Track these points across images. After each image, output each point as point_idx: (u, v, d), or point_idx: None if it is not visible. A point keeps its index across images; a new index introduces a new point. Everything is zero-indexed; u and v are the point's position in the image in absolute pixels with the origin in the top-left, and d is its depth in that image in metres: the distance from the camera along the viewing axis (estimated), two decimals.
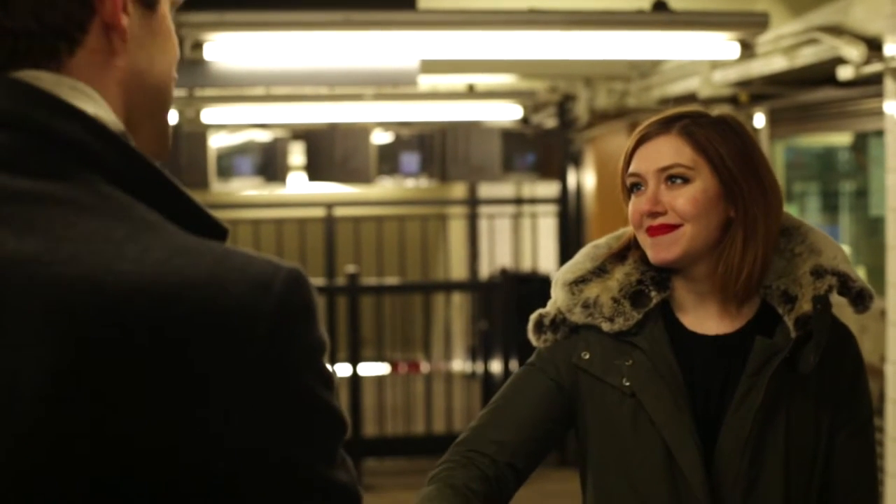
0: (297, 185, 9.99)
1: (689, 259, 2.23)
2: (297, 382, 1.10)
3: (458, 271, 13.53)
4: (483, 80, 9.03)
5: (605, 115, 8.69)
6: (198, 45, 5.15)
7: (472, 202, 12.18)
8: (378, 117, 9.36)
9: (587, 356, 2.30)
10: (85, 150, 1.11)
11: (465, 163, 9.49)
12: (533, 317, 2.36)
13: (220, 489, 1.06)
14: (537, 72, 8.41)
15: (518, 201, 11.33)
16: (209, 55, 5.22)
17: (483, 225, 11.96)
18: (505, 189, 11.99)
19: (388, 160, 9.60)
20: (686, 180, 2.20)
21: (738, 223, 2.21)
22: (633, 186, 2.27)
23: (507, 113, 9.72)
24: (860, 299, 2.26)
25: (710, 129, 2.22)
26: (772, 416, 2.21)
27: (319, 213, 9.63)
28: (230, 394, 1.05)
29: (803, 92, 6.38)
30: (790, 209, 7.29)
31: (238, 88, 8.10)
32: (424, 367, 10.60)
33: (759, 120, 6.91)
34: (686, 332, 2.30)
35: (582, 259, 2.37)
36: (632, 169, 2.26)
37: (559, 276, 2.36)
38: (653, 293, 2.29)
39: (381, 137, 9.59)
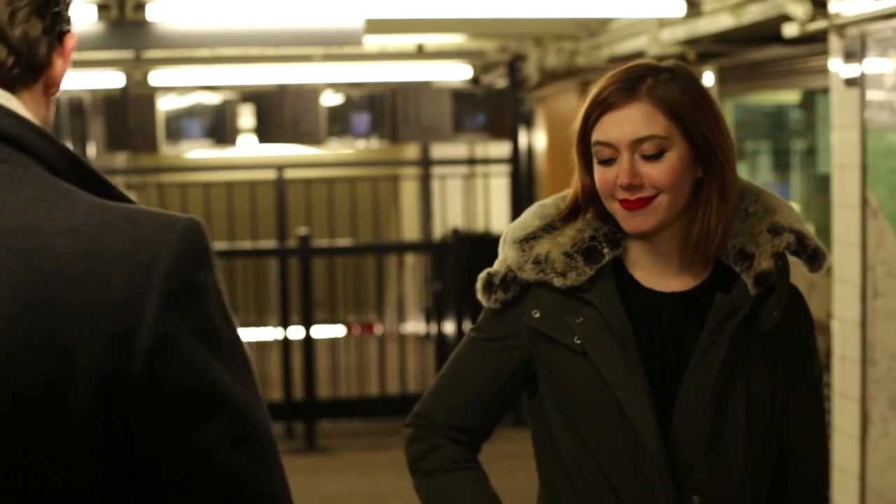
0: (248, 147, 9.94)
1: (664, 226, 2.22)
2: (196, 297, 1.36)
3: (411, 232, 13.51)
4: (432, 41, 8.98)
5: (556, 75, 8.66)
6: (140, 7, 5.09)
7: (425, 163, 12.15)
8: (327, 78, 9.30)
9: (537, 314, 2.28)
10: (21, 141, 1.40)
11: (415, 123, 9.44)
12: (482, 276, 2.34)
13: (136, 380, 1.31)
14: (486, 31, 8.37)
15: (470, 162, 11.31)
16: (151, 16, 5.16)
17: (435, 186, 11.93)
18: (456, 149, 11.97)
19: (338, 121, 9.54)
20: (662, 150, 2.17)
21: (713, 184, 2.21)
22: (602, 156, 2.21)
23: (457, 73, 9.68)
24: (815, 258, 2.27)
25: (675, 89, 2.17)
26: (733, 372, 2.22)
27: (270, 175, 9.58)
28: (144, 304, 1.32)
29: (751, 50, 6.38)
30: (741, 168, 7.35)
31: (184, 50, 8.03)
32: (378, 328, 10.61)
33: (709, 78, 6.90)
34: (641, 289, 2.28)
35: (530, 217, 2.35)
36: (600, 138, 2.20)
37: (508, 233, 2.34)
38: (606, 250, 2.26)
39: (331, 99, 9.54)
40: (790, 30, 5.09)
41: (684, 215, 2.24)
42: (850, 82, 4.85)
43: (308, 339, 8.96)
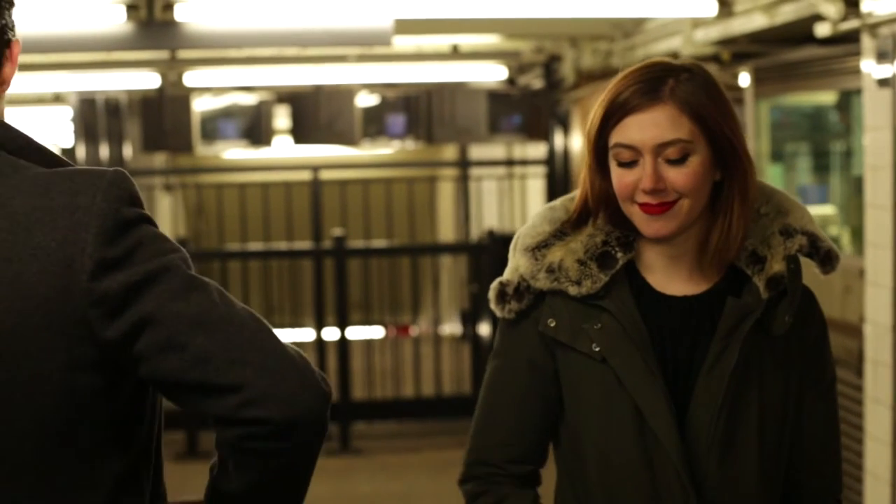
0: (283, 148, 9.95)
1: (683, 230, 2.18)
2: (125, 228, 1.71)
3: (447, 234, 13.48)
4: (467, 41, 8.95)
5: (591, 76, 8.61)
6: (168, 7, 5.09)
7: (463, 164, 12.13)
8: (363, 79, 9.30)
9: (553, 323, 2.23)
10: None
11: (451, 124, 9.42)
12: (494, 286, 2.28)
13: (84, 295, 1.67)
14: (521, 32, 8.33)
15: (508, 163, 11.28)
16: (180, 16, 5.16)
17: (470, 187, 11.91)
18: (491, 150, 11.94)
19: (373, 122, 9.54)
20: (686, 155, 2.13)
21: (734, 188, 2.17)
22: (622, 158, 2.15)
23: (493, 74, 9.65)
24: (828, 260, 2.23)
25: (698, 90, 2.13)
26: (745, 378, 2.18)
27: (306, 176, 9.58)
28: (84, 237, 1.68)
29: (786, 51, 6.32)
30: (776, 170, 7.28)
31: (220, 51, 8.05)
32: (413, 330, 10.59)
33: (744, 79, 6.84)
34: (653, 293, 2.24)
35: (540, 222, 2.30)
36: (621, 140, 2.14)
37: (518, 240, 2.29)
38: (619, 254, 2.22)
39: (366, 100, 9.53)
40: (822, 29, 5.04)
41: (701, 218, 2.20)
42: (883, 83, 4.79)
43: (343, 341, 8.95)
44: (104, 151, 9.89)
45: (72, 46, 5.19)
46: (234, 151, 9.66)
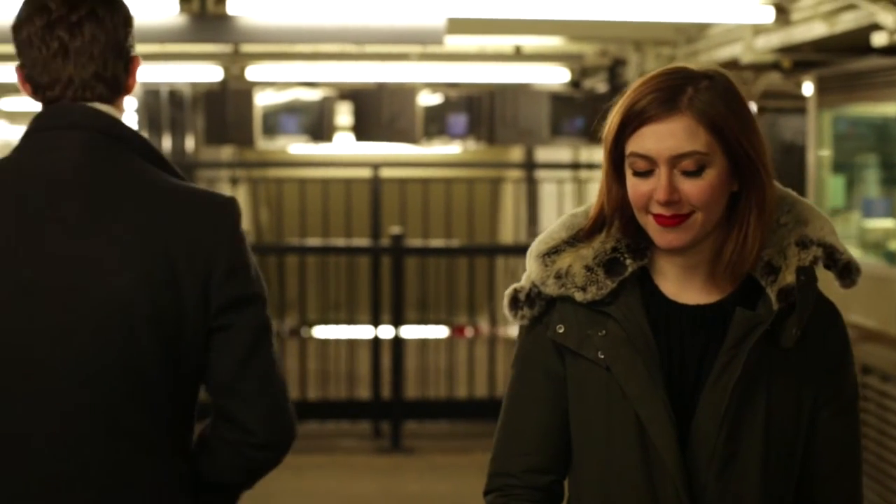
0: (344, 144, 9.97)
1: (697, 242, 2.15)
2: (241, 243, 2.40)
3: (507, 235, 13.43)
4: (531, 42, 8.91)
5: None
6: (221, 0, 5.11)
7: (529, 166, 12.09)
8: (426, 78, 9.29)
9: (562, 329, 2.22)
10: (126, 139, 2.36)
11: (513, 125, 9.39)
12: (507, 292, 2.27)
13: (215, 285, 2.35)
14: (585, 34, 8.28)
15: (574, 166, 11.22)
16: (232, 10, 5.17)
17: (521, 189, 11.88)
18: (553, 153, 11.88)
19: (435, 121, 9.53)
20: (702, 167, 2.09)
21: (751, 201, 2.13)
22: (638, 168, 2.12)
23: (555, 76, 9.60)
24: (847, 272, 2.17)
25: (717, 100, 2.08)
26: (751, 391, 2.13)
27: (366, 173, 9.59)
28: (222, 243, 2.37)
29: (850, 60, 6.22)
30: (839, 181, 7.16)
31: (282, 45, 8.07)
32: (469, 331, 10.56)
33: (808, 88, 6.76)
34: (666, 301, 2.21)
35: (558, 229, 2.27)
36: (637, 150, 2.11)
37: (532, 247, 2.27)
38: (628, 261, 2.19)
39: (429, 99, 9.53)
40: (879, 39, 4.95)
41: (718, 229, 2.16)
42: None
43: (397, 339, 8.95)
44: (167, 142, 9.97)
45: None
46: (295, 147, 9.69)
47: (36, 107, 2.42)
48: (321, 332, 10.46)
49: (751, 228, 2.13)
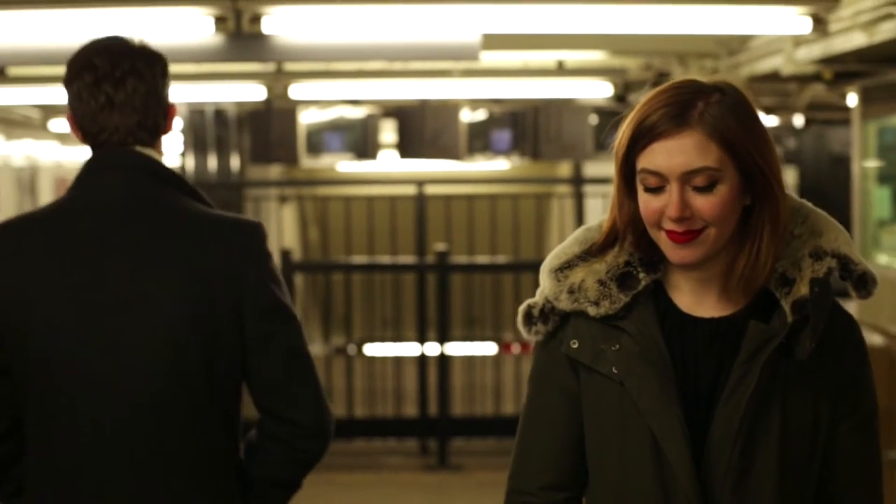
0: (388, 162, 9.98)
1: (710, 257, 2.13)
2: (269, 262, 2.72)
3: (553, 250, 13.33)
4: (573, 57, 8.89)
5: None
6: (256, 19, 5.13)
7: (577, 181, 12.03)
8: (469, 94, 9.28)
9: (576, 344, 2.20)
10: (164, 176, 2.72)
11: (557, 140, 9.38)
12: (521, 308, 2.26)
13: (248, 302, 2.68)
14: (627, 48, 8.24)
15: None
16: (267, 29, 5.19)
17: (569, 204, 11.81)
18: (599, 168, 11.83)
19: (479, 137, 9.53)
20: (713, 182, 2.07)
21: (764, 215, 2.10)
22: (649, 184, 2.10)
23: (599, 90, 9.57)
24: (862, 283, 2.14)
25: (727, 114, 2.06)
26: (765, 405, 2.11)
27: (410, 190, 9.59)
28: (248, 266, 2.68)
29: (893, 69, 6.15)
30: (884, 192, 7.08)
31: (325, 63, 8.10)
32: (515, 347, 10.52)
33: (852, 99, 6.69)
34: (680, 315, 2.18)
35: (571, 243, 2.26)
36: (647, 166, 2.08)
37: (545, 262, 2.26)
38: (641, 275, 2.18)
39: (473, 115, 9.53)
40: None
41: (731, 243, 2.13)
42: None
43: (443, 356, 8.93)
44: (212, 162, 10.02)
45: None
46: (340, 164, 9.71)
47: None
48: (368, 349, 10.46)
49: (764, 243, 2.11)
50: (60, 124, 11.14)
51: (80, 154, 13.99)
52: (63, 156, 12.85)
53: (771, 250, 2.11)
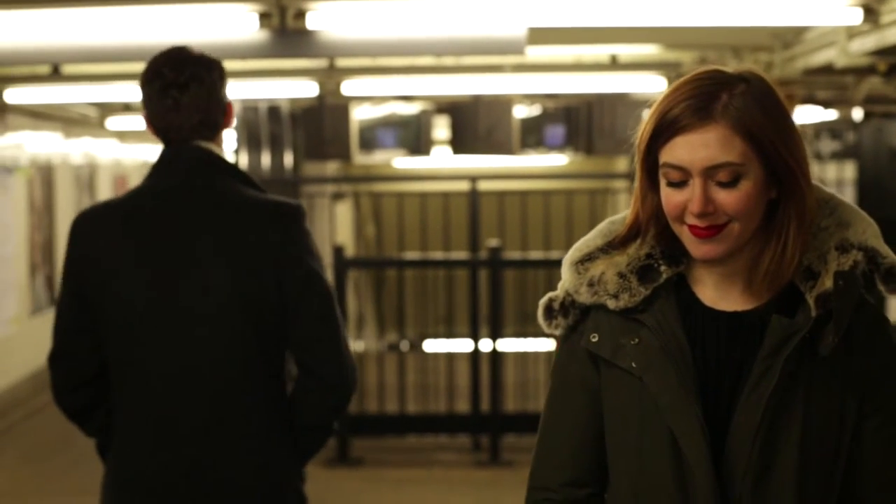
0: (441, 158, 9.96)
1: (734, 252, 2.08)
2: (308, 237, 3.16)
3: None
4: (627, 51, 8.83)
5: None
6: (300, 15, 5.12)
7: (632, 176, 11.97)
8: (523, 89, 9.24)
9: (595, 338, 2.15)
10: (221, 166, 3.15)
11: (611, 135, 9.32)
12: (542, 302, 2.22)
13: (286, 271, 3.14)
14: (681, 41, 8.18)
15: None
16: (312, 24, 5.18)
17: (622, 200, 11.76)
18: None
19: (532, 133, 9.49)
20: (737, 177, 2.01)
21: (790, 209, 2.04)
22: (672, 178, 2.04)
23: (653, 85, 9.51)
24: (890, 277, 2.08)
25: (752, 106, 1.99)
26: (787, 401, 2.05)
27: (464, 186, 9.56)
28: (288, 241, 3.13)
29: None
30: None
31: (378, 59, 8.09)
32: None
33: None
34: (703, 309, 2.13)
35: (594, 236, 2.21)
36: (670, 160, 2.03)
37: (567, 255, 2.22)
38: (662, 268, 2.13)
39: (526, 110, 9.49)
40: None
41: (756, 238, 2.08)
42: None
43: (495, 352, 8.90)
44: (266, 158, 10.04)
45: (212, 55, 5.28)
46: (394, 160, 9.72)
47: (139, 125, 2.92)
48: (420, 345, 10.46)
49: (790, 238, 2.05)
50: (118, 122, 11.25)
51: (138, 152, 14.15)
52: (121, 153, 12.97)
53: (798, 245, 2.05)
